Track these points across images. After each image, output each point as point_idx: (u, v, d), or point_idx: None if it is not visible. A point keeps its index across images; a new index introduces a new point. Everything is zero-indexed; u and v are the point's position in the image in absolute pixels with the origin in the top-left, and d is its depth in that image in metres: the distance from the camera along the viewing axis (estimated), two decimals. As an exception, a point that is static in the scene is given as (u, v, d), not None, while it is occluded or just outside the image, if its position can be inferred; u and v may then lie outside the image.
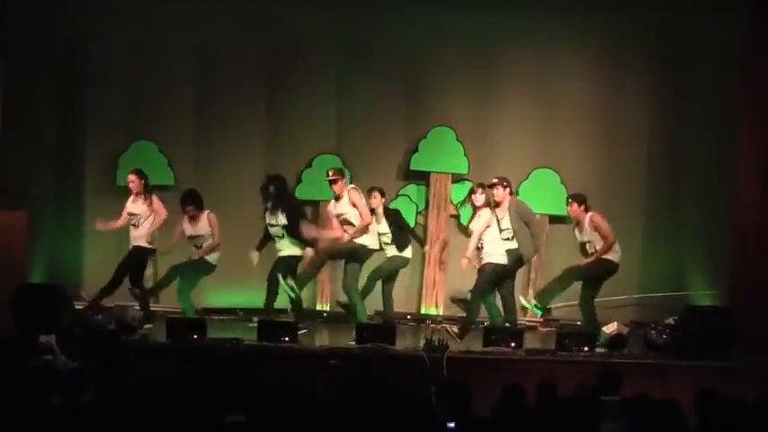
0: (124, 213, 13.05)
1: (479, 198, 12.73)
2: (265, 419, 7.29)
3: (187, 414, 7.34)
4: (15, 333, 11.47)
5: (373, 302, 13.40)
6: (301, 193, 14.62)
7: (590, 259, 12.59)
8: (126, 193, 13.23)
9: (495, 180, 12.84)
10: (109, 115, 14.67)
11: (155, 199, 13.03)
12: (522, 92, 14.92)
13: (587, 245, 12.68)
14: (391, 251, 12.94)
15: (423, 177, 14.84)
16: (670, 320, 12.93)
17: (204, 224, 12.69)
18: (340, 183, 12.85)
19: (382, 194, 13.05)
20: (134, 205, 13.01)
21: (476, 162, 14.76)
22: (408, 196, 14.88)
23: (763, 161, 13.72)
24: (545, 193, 14.70)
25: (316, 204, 14.59)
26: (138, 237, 12.95)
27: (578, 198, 12.81)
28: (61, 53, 14.58)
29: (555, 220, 14.65)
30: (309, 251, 12.88)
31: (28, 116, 14.35)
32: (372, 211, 12.86)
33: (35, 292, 12.26)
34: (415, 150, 14.79)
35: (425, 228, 14.71)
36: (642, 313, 14.45)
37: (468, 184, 14.56)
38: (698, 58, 14.72)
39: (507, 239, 12.69)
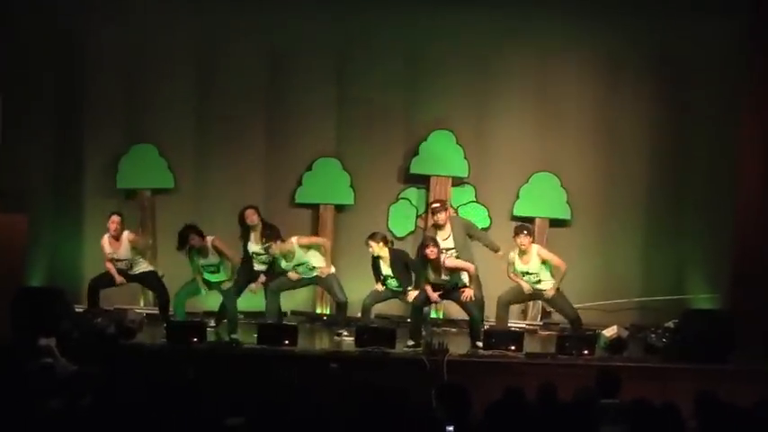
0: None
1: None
2: (265, 423, 7.29)
3: (187, 418, 7.34)
4: (15, 336, 11.47)
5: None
6: (301, 196, 14.62)
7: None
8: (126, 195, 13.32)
9: (437, 204, 13.29)
10: (109, 118, 14.64)
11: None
12: (522, 95, 14.87)
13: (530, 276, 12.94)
14: None
15: (423, 181, 14.82)
16: (670, 324, 12.94)
17: (213, 253, 12.70)
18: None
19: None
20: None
21: (476, 165, 14.75)
22: (408, 200, 14.86)
23: (765, 165, 13.73)
24: (545, 196, 14.68)
25: (315, 208, 14.59)
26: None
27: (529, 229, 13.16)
28: (60, 55, 14.56)
29: (555, 224, 14.65)
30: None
31: (27, 119, 14.33)
32: None
33: (35, 295, 12.29)
34: (416, 153, 14.76)
35: (425, 231, 14.65)
36: (642, 316, 14.44)
37: (469, 188, 14.62)
38: (699, 60, 14.68)
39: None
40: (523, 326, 14.11)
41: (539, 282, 12.90)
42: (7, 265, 12.61)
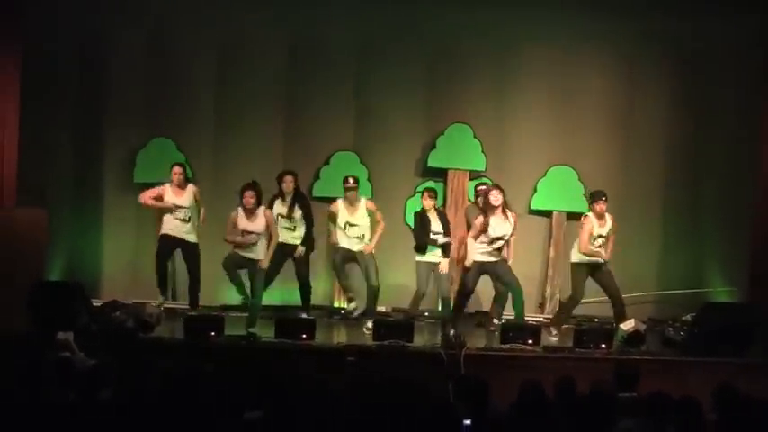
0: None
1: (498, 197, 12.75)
2: (282, 416, 7.29)
3: (204, 411, 7.35)
4: (33, 330, 11.50)
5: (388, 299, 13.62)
6: (319, 190, 14.63)
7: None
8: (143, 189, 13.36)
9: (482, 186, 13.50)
10: (127, 112, 14.67)
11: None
12: (540, 89, 14.89)
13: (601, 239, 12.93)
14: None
15: (440, 174, 14.82)
16: (688, 317, 12.93)
17: (261, 221, 12.65)
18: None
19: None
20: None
21: (493, 159, 14.75)
22: (426, 193, 14.86)
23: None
24: (562, 190, 14.70)
25: (334, 201, 14.57)
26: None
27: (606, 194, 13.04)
28: (79, 50, 14.60)
29: (571, 217, 14.62)
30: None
31: (47, 114, 14.36)
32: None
33: (53, 289, 12.30)
34: (433, 147, 14.78)
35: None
36: (660, 310, 14.47)
37: (487, 182, 14.59)
38: (719, 57, 14.70)
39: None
40: (541, 319, 14.12)
41: (604, 247, 12.97)
42: (27, 260, 12.63)
